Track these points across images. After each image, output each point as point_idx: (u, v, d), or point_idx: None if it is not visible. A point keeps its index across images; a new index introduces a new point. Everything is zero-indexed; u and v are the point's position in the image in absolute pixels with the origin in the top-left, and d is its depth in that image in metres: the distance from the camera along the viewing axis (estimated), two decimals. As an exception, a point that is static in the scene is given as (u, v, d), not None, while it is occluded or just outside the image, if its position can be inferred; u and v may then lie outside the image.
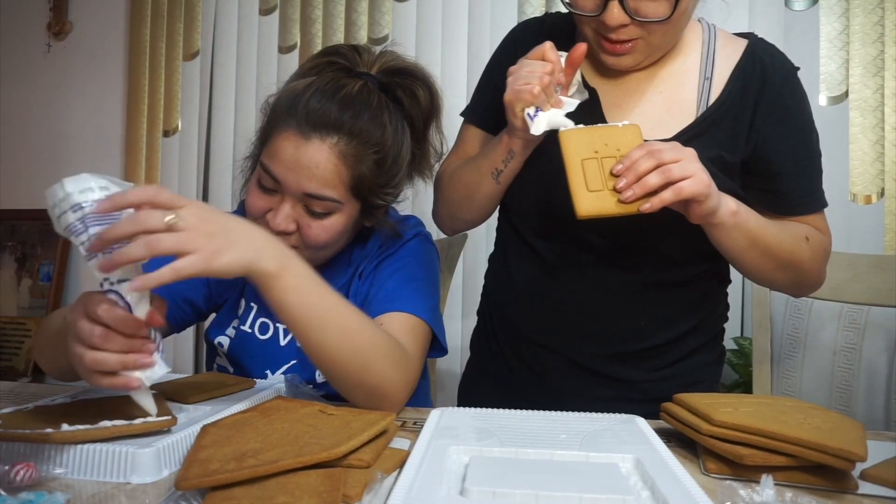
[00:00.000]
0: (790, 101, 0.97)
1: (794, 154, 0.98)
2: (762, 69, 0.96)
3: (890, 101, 1.69)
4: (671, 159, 0.79)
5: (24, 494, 0.55)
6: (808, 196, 1.00)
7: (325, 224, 0.92)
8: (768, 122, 0.96)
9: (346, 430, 0.66)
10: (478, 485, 0.56)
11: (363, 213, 0.97)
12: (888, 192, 1.68)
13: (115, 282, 0.66)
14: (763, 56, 0.97)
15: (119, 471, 0.62)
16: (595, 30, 0.92)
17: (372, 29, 2.03)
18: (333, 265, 1.04)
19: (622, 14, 0.86)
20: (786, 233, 0.94)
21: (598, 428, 0.74)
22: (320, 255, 0.96)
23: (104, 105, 2.36)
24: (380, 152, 0.92)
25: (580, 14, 0.90)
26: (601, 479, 0.58)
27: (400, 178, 0.98)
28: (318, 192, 0.88)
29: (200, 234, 0.66)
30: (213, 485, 0.56)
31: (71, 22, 2.39)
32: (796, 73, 0.99)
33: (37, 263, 2.39)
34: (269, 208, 0.92)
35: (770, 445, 0.64)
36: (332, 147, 0.88)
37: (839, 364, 1.29)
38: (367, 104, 0.92)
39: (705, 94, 0.97)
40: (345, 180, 0.90)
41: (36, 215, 2.39)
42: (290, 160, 0.88)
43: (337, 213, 0.92)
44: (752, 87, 0.96)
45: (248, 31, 2.14)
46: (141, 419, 0.67)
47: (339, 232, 0.93)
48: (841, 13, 1.72)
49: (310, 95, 0.91)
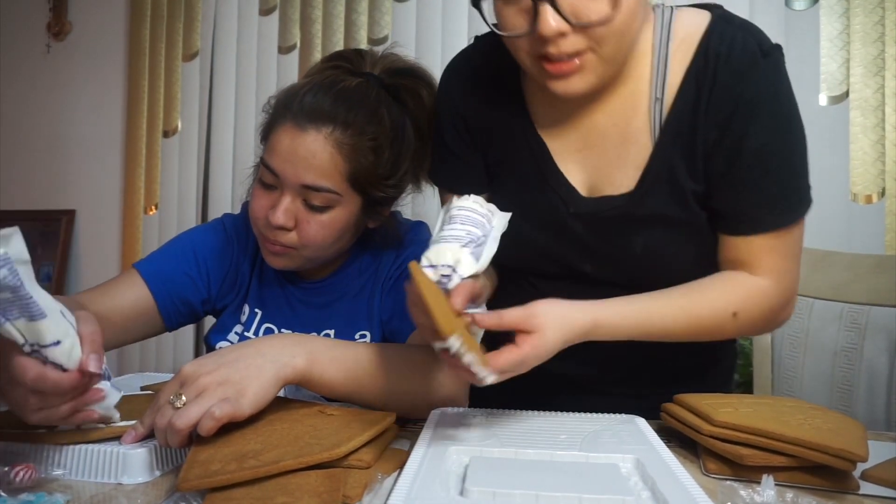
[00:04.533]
0: (747, 98, 0.79)
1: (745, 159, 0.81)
2: (715, 67, 0.80)
3: (890, 100, 1.69)
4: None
5: (24, 496, 0.55)
6: (753, 209, 0.82)
7: (323, 220, 0.91)
8: (715, 132, 0.80)
9: (347, 430, 0.66)
10: (478, 485, 0.56)
11: (365, 211, 0.96)
12: (889, 191, 1.68)
13: (40, 346, 0.58)
14: (718, 47, 0.80)
15: (111, 471, 0.62)
16: (532, 52, 0.77)
17: (372, 29, 2.03)
18: (342, 273, 1.03)
19: (559, 20, 0.72)
20: (698, 324, 0.81)
21: (599, 428, 0.74)
22: (319, 254, 0.96)
23: (104, 105, 2.35)
24: (377, 142, 0.92)
25: (510, 36, 0.77)
26: (601, 479, 0.58)
27: (403, 173, 0.97)
28: (315, 182, 0.89)
29: (212, 389, 0.64)
30: (214, 486, 0.56)
31: (71, 22, 2.39)
32: (766, 56, 0.80)
33: (37, 264, 2.39)
34: (270, 206, 0.91)
35: (771, 446, 0.64)
36: (327, 137, 0.88)
37: (840, 364, 1.29)
38: (364, 97, 0.93)
39: (657, 118, 0.83)
40: (342, 171, 0.90)
41: (36, 215, 2.39)
42: (287, 152, 0.89)
43: (336, 208, 0.91)
44: (703, 92, 0.80)
45: (248, 32, 2.14)
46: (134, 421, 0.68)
47: (337, 229, 0.93)
48: (841, 13, 1.71)
49: (307, 91, 0.92)
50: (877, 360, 1.27)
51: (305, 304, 1.04)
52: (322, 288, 1.04)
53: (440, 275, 0.68)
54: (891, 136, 1.68)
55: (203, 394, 0.63)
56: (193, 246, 1.07)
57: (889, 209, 1.68)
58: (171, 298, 1.02)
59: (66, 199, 2.40)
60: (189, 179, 2.18)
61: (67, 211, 2.38)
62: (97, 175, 2.37)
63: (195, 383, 0.64)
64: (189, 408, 0.62)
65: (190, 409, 0.62)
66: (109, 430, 0.66)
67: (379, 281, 1.01)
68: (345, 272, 1.04)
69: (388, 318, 0.99)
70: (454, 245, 0.69)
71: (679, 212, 0.85)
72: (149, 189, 2.25)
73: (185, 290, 1.03)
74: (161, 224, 2.21)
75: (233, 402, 0.63)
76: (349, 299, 1.02)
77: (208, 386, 0.64)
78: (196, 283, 1.05)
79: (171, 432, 0.62)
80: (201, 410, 0.62)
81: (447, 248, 0.69)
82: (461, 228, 0.71)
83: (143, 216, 2.26)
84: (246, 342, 0.74)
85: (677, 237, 0.86)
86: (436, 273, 0.67)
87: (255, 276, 1.06)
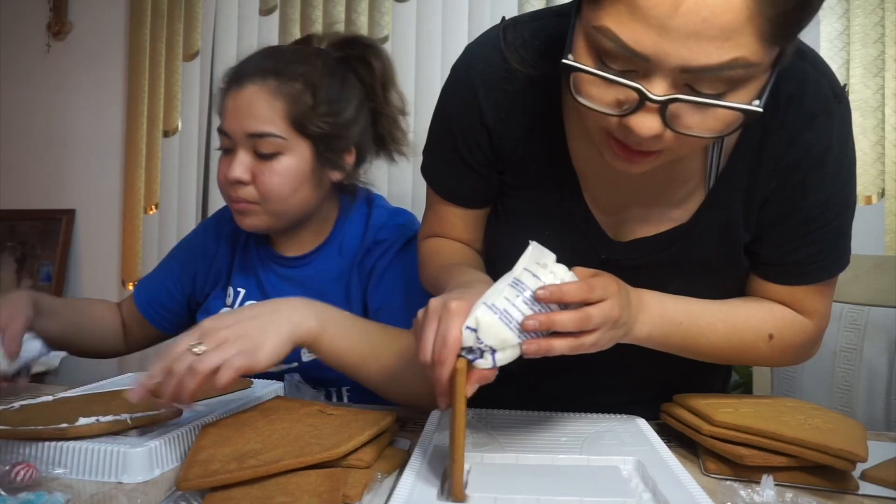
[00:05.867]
0: (817, 148, 0.71)
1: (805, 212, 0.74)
2: (785, 109, 0.71)
3: (890, 101, 1.69)
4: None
5: (24, 495, 0.55)
6: (804, 262, 0.76)
7: (275, 167, 0.96)
8: (776, 180, 0.73)
9: (347, 430, 0.66)
10: (479, 490, 0.55)
11: (320, 160, 0.99)
12: (888, 192, 1.68)
13: None
14: (789, 86, 0.70)
15: (111, 470, 0.62)
16: (607, 126, 0.63)
17: (372, 29, 2.03)
18: (322, 251, 1.05)
19: (658, 124, 0.58)
20: (735, 335, 0.76)
21: (599, 429, 0.74)
22: (283, 208, 0.99)
23: (104, 105, 2.35)
24: (311, 81, 0.97)
25: (590, 108, 0.61)
26: (602, 482, 0.58)
27: (350, 121, 1.01)
28: (258, 129, 0.95)
29: (232, 341, 0.67)
30: (215, 485, 0.56)
31: (71, 22, 2.39)
32: (840, 102, 0.72)
33: (37, 264, 2.39)
34: (229, 167, 0.98)
35: (770, 446, 0.64)
36: (262, 86, 0.96)
37: (840, 364, 1.29)
38: (297, 52, 1.02)
39: (714, 160, 0.74)
40: (281, 114, 0.96)
41: (36, 215, 2.39)
42: (231, 110, 0.97)
43: (286, 154, 0.96)
44: (769, 135, 0.72)
45: (248, 32, 2.14)
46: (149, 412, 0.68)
47: (292, 176, 0.97)
48: (841, 14, 1.71)
49: (243, 60, 1.02)
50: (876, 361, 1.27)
51: (285, 280, 1.06)
52: (301, 264, 1.06)
53: (477, 347, 0.57)
54: (890, 136, 1.69)
55: (223, 344, 0.66)
56: (180, 252, 1.17)
57: (889, 210, 1.68)
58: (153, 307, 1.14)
59: (66, 199, 2.40)
60: (189, 179, 2.18)
61: (67, 210, 2.38)
62: (97, 175, 2.37)
63: (216, 335, 0.67)
64: (210, 355, 0.65)
65: (211, 356, 0.65)
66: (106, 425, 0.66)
67: (356, 263, 1.03)
68: (325, 250, 1.06)
69: (377, 309, 1.00)
70: (509, 332, 0.57)
71: (725, 261, 0.79)
72: (149, 189, 2.25)
73: (162, 297, 1.14)
74: (161, 224, 2.21)
75: (250, 355, 0.66)
76: (329, 281, 1.04)
77: (228, 338, 0.67)
78: (172, 292, 1.14)
79: (190, 375, 0.64)
80: (221, 359, 0.65)
81: (502, 329, 0.57)
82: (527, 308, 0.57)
83: (143, 216, 2.26)
84: (263, 301, 0.76)
85: (713, 286, 0.80)
86: (473, 340, 0.57)
87: (238, 257, 1.11)
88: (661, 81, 0.57)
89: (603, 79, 0.58)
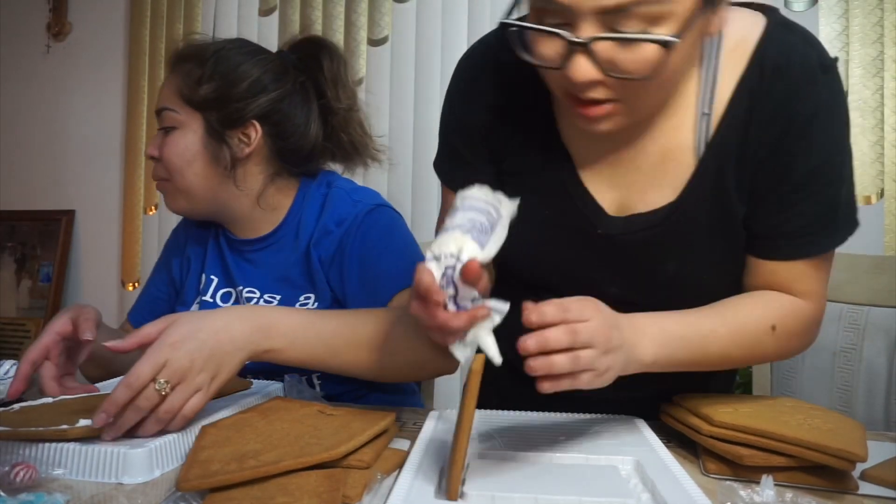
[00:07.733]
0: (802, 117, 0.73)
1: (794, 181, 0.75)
2: (770, 80, 0.73)
3: (889, 101, 1.69)
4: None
5: (24, 495, 0.55)
6: (797, 234, 0.76)
7: (169, 141, 1.01)
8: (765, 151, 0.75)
9: (346, 430, 0.66)
10: (477, 489, 0.55)
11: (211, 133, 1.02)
12: (888, 192, 1.69)
13: None
14: (776, 58, 0.72)
15: (111, 471, 0.62)
16: (561, 84, 0.70)
17: (372, 29, 2.03)
18: (278, 234, 1.07)
19: (591, 68, 0.64)
20: (739, 335, 0.76)
21: (598, 429, 0.74)
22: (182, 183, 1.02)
23: (104, 105, 2.36)
24: (202, 58, 1.01)
25: (540, 65, 0.69)
26: (601, 481, 0.58)
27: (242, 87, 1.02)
28: (159, 105, 1.03)
29: (193, 377, 0.70)
30: (214, 486, 0.56)
31: (71, 22, 2.39)
32: (826, 72, 0.74)
33: (36, 264, 2.39)
34: None
35: (770, 446, 0.64)
36: (172, 70, 1.05)
37: (839, 365, 1.29)
38: (216, 42, 1.06)
39: (703, 134, 0.76)
40: (174, 89, 1.02)
41: (36, 216, 2.39)
42: None
43: (180, 129, 1.01)
44: (756, 108, 0.73)
45: (247, 32, 2.14)
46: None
47: (185, 149, 1.01)
48: (840, 14, 1.72)
49: None
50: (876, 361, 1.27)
51: (248, 263, 1.08)
52: (260, 247, 1.08)
53: (445, 266, 0.64)
54: (890, 136, 1.69)
55: (184, 381, 0.69)
56: (161, 256, 1.21)
57: (888, 209, 1.69)
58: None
59: (66, 200, 2.40)
60: (189, 179, 2.18)
61: (67, 211, 2.38)
62: (97, 175, 2.37)
63: (177, 366, 0.69)
64: (172, 398, 0.68)
65: (173, 400, 0.68)
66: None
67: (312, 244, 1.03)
68: (281, 233, 1.07)
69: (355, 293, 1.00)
70: (456, 233, 0.65)
71: (720, 234, 0.78)
72: (148, 189, 2.25)
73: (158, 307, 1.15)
74: (161, 224, 2.21)
75: (204, 390, 0.71)
76: (290, 265, 1.05)
77: (187, 375, 0.70)
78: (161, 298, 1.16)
79: (154, 422, 0.68)
80: (183, 400, 0.69)
81: (450, 237, 0.65)
82: (463, 216, 0.67)
83: (143, 216, 2.26)
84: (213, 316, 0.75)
85: (712, 262, 0.81)
86: (440, 266, 0.64)
87: (211, 246, 1.13)
88: (587, 27, 0.63)
89: (536, 31, 0.66)
